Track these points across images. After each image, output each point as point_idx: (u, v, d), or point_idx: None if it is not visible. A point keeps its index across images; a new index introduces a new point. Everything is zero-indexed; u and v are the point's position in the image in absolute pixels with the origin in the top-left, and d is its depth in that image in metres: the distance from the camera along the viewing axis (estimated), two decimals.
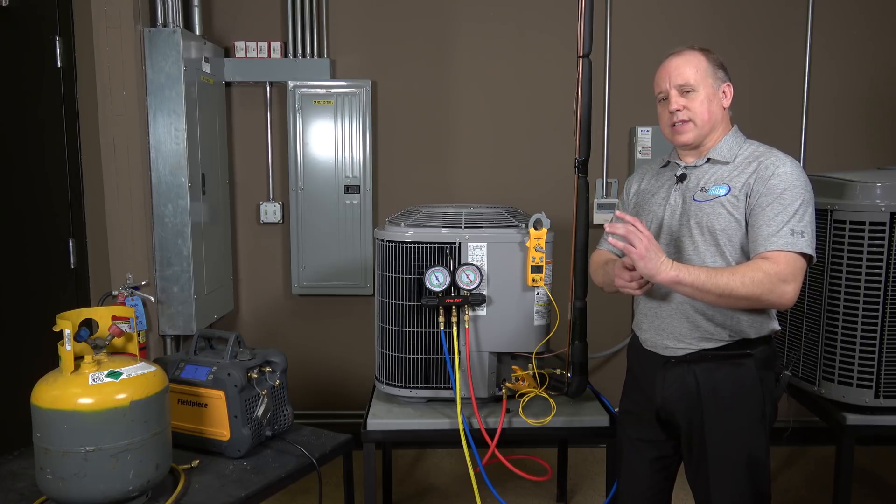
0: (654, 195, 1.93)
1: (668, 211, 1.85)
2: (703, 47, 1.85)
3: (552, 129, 3.57)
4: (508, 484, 3.16)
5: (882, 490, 3.30)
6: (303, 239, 3.55)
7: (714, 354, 1.79)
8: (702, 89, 1.79)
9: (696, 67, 1.80)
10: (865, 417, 2.25)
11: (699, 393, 1.80)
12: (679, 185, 1.85)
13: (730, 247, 1.75)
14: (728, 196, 1.75)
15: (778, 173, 1.71)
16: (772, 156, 1.76)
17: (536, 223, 2.28)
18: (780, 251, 1.66)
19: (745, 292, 1.65)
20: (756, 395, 1.78)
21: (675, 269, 1.67)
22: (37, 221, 2.69)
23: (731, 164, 1.80)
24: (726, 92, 1.84)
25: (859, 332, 2.23)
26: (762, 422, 1.79)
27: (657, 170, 1.99)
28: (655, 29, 3.56)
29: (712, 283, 1.65)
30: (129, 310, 1.92)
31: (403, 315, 2.32)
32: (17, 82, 2.58)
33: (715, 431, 1.78)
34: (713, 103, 1.81)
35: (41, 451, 1.59)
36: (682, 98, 1.81)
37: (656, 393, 1.89)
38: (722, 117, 1.84)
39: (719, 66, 1.83)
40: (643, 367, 1.95)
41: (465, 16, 3.55)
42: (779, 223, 1.68)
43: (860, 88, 3.62)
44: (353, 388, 3.68)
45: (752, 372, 1.78)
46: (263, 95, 3.56)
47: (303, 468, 1.95)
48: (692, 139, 1.82)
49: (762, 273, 1.64)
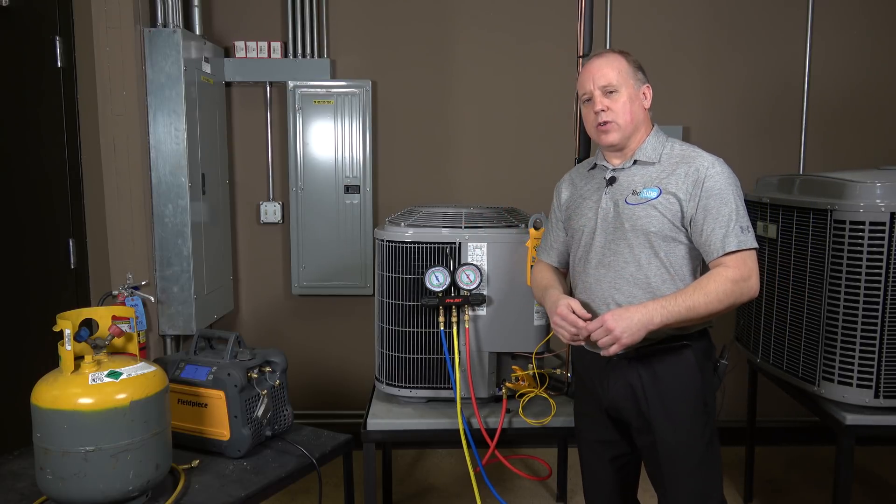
0: (585, 199, 1.95)
1: (600, 215, 1.88)
2: (623, 50, 1.92)
3: (552, 129, 3.56)
4: (508, 484, 3.16)
5: (882, 490, 3.30)
6: (303, 239, 3.55)
7: (653, 349, 1.83)
8: (623, 90, 1.84)
9: (617, 69, 1.85)
10: (865, 417, 2.25)
11: (643, 387, 1.84)
12: (609, 188, 1.89)
13: (664, 247, 1.80)
14: (660, 198, 1.80)
15: (711, 174, 1.77)
16: (699, 157, 1.82)
17: (536, 223, 2.28)
18: (736, 252, 1.74)
19: (722, 307, 1.74)
20: (696, 384, 1.83)
21: (659, 317, 1.71)
22: (37, 221, 2.69)
23: (657, 164, 1.85)
24: (646, 93, 1.89)
25: (859, 332, 2.23)
26: (705, 410, 1.84)
27: (585, 172, 2.02)
28: (655, 29, 3.56)
29: (694, 313, 1.72)
30: (129, 310, 1.92)
31: (403, 315, 2.32)
32: (17, 82, 2.58)
33: (661, 422, 1.83)
34: (635, 104, 1.86)
35: (41, 451, 1.59)
36: (605, 99, 1.85)
37: (602, 393, 1.92)
38: (644, 118, 1.89)
39: (638, 68, 1.89)
40: (587, 368, 1.98)
41: (465, 15, 3.55)
42: (728, 223, 1.75)
43: (860, 88, 3.62)
44: (353, 388, 3.68)
45: (692, 360, 1.83)
46: (263, 95, 3.56)
47: (303, 468, 1.95)
48: (617, 139, 1.86)
49: (731, 283, 1.73)
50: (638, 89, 1.87)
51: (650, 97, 1.90)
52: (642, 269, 1.81)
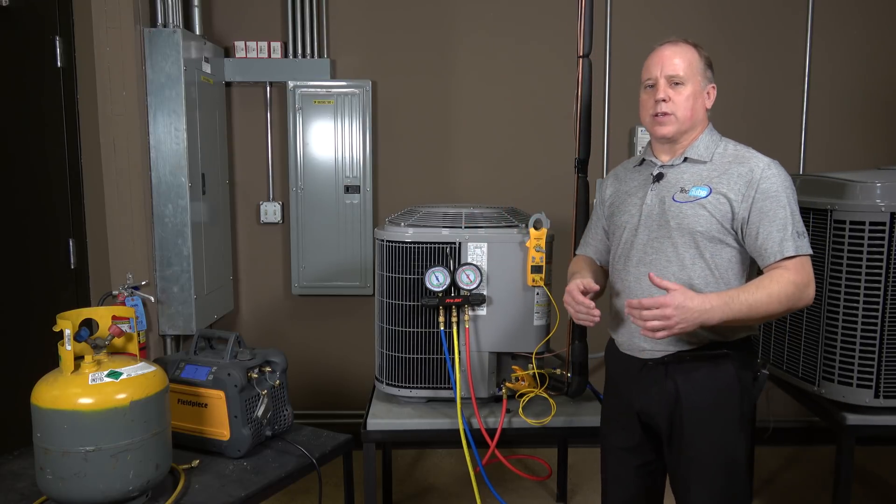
0: (629, 196, 1.89)
1: (644, 211, 1.82)
2: (696, 43, 1.83)
3: (552, 129, 3.56)
4: (508, 484, 3.16)
5: (882, 490, 3.30)
6: (303, 239, 3.55)
7: (692, 355, 1.77)
8: (690, 85, 1.78)
9: (688, 61, 1.78)
10: (865, 417, 2.25)
11: (678, 394, 1.78)
12: (656, 184, 1.82)
13: (710, 248, 1.74)
14: (709, 198, 1.73)
15: (767, 176, 1.71)
16: (754, 158, 1.75)
17: (536, 223, 2.28)
18: (795, 257, 1.68)
19: (781, 310, 1.68)
20: (734, 394, 1.76)
21: (720, 314, 1.63)
22: (37, 221, 2.69)
23: (708, 163, 1.78)
24: (710, 93, 1.83)
25: (859, 332, 2.23)
26: (740, 422, 1.77)
27: (631, 168, 1.96)
28: (655, 29, 3.55)
29: (754, 312, 1.65)
30: (129, 310, 1.92)
31: (403, 315, 2.32)
32: (17, 82, 2.58)
33: (693, 432, 1.76)
34: (698, 101, 1.79)
35: (41, 451, 1.59)
36: (669, 89, 1.78)
37: (635, 397, 1.86)
38: (702, 117, 1.82)
39: (709, 66, 1.82)
40: (621, 372, 1.92)
41: (465, 16, 3.55)
42: (785, 227, 1.68)
43: (860, 88, 3.62)
44: (353, 388, 3.68)
45: (731, 371, 1.76)
46: (263, 95, 3.56)
47: (303, 468, 1.95)
48: (672, 132, 1.80)
49: (793, 286, 1.66)
50: (704, 87, 1.80)
51: (713, 97, 1.83)
52: (686, 269, 1.75)
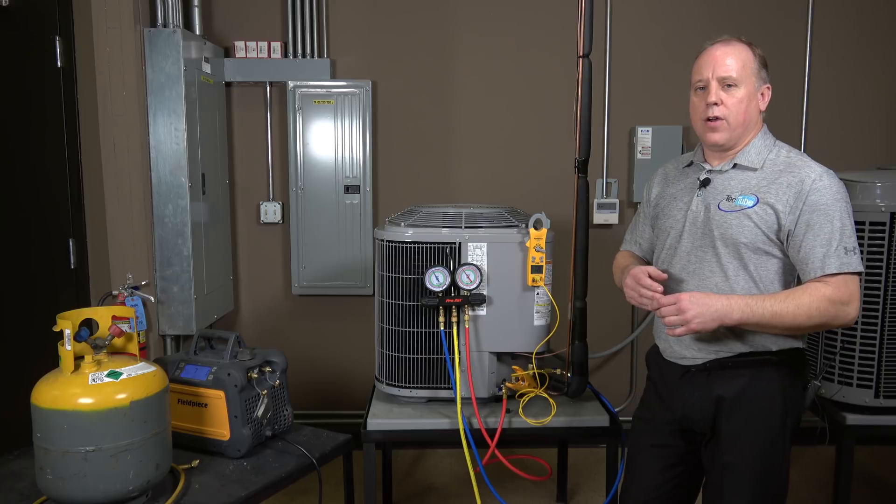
0: (675, 199, 1.84)
1: (689, 218, 1.76)
2: (750, 41, 1.74)
3: (552, 129, 3.56)
4: (508, 484, 3.16)
5: (882, 490, 3.30)
6: (303, 239, 3.55)
7: (735, 362, 1.72)
8: (743, 87, 1.69)
9: (743, 62, 1.69)
10: (865, 417, 2.25)
11: (721, 401, 1.73)
12: (702, 190, 1.76)
13: (755, 260, 1.68)
14: (756, 208, 1.66)
15: (818, 188, 1.63)
16: (806, 167, 1.67)
17: (536, 223, 2.28)
18: (838, 274, 1.60)
19: (811, 324, 1.62)
20: (777, 404, 1.71)
21: (739, 313, 1.60)
22: (37, 221, 2.69)
23: (758, 170, 1.71)
24: (765, 94, 1.74)
25: (859, 332, 2.23)
26: (782, 433, 1.72)
27: (681, 169, 1.89)
28: (655, 29, 3.56)
29: (779, 321, 1.60)
30: (129, 310, 1.92)
31: (403, 315, 2.32)
32: (18, 82, 2.58)
33: (733, 438, 1.72)
34: (751, 104, 1.71)
35: (41, 451, 1.59)
36: (722, 92, 1.69)
37: (676, 403, 1.82)
38: (756, 120, 1.74)
39: (763, 66, 1.73)
40: (663, 377, 1.87)
41: (465, 16, 3.55)
42: (830, 242, 1.61)
43: (860, 88, 3.62)
44: (353, 388, 3.68)
45: (774, 380, 1.71)
46: (263, 95, 3.56)
47: (303, 468, 1.95)
48: (724, 140, 1.72)
49: (826, 302, 1.59)
50: (758, 88, 1.71)
51: (768, 98, 1.74)
52: (729, 281, 1.69)
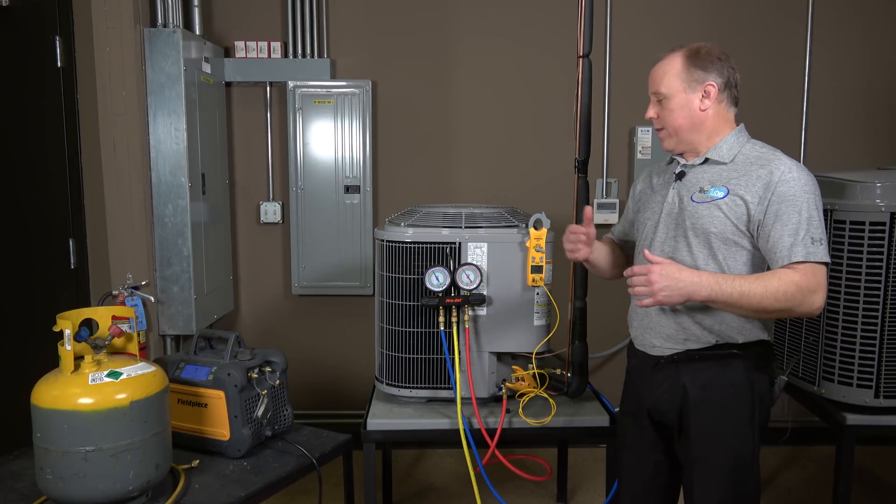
0: (655, 193, 1.93)
1: (665, 209, 1.84)
2: (693, 46, 1.79)
3: (552, 129, 3.56)
4: (508, 484, 3.16)
5: (882, 490, 3.30)
6: (303, 239, 3.55)
7: (701, 354, 1.78)
8: (673, 97, 1.78)
9: (665, 73, 1.78)
10: (865, 417, 2.25)
11: (686, 394, 1.79)
12: (677, 182, 1.84)
13: (724, 250, 1.73)
14: (726, 199, 1.72)
15: (786, 179, 1.67)
16: (776, 160, 1.72)
17: (536, 223, 2.28)
18: (805, 262, 1.64)
19: (777, 308, 1.65)
20: (745, 396, 1.75)
21: (708, 290, 1.64)
22: (37, 221, 2.69)
23: (728, 164, 1.77)
24: (708, 91, 1.76)
25: (859, 332, 2.23)
26: (750, 425, 1.76)
27: (664, 167, 1.97)
28: (655, 29, 3.56)
29: (746, 301, 1.64)
30: (129, 310, 1.92)
31: (403, 315, 2.32)
32: (18, 82, 2.58)
33: (701, 432, 1.77)
34: (686, 109, 1.77)
35: (41, 451, 1.59)
36: (656, 106, 1.82)
37: (646, 394, 1.88)
38: (710, 117, 1.78)
39: (696, 66, 1.76)
40: (637, 367, 1.95)
41: (465, 16, 3.55)
42: (798, 232, 1.65)
43: (860, 88, 3.62)
44: (353, 388, 3.68)
45: (741, 373, 1.76)
46: (263, 95, 3.56)
47: (303, 468, 1.95)
48: (672, 146, 1.84)
49: (794, 287, 1.62)
50: (693, 91, 1.76)
51: (714, 94, 1.76)
52: (699, 270, 1.73)
